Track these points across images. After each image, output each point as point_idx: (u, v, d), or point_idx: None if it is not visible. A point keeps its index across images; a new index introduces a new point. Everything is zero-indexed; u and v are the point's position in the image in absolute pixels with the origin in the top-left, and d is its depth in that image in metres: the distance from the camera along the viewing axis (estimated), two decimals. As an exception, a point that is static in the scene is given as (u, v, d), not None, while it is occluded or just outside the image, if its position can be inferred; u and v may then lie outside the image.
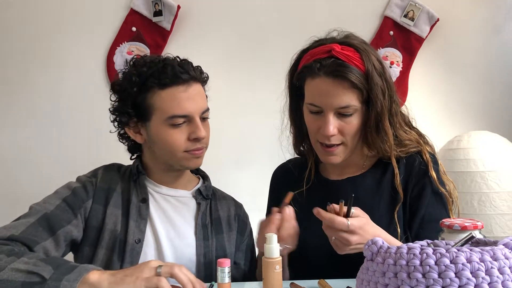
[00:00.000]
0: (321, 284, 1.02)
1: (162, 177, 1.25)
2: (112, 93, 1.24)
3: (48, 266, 0.90)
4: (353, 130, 1.14)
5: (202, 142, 1.20)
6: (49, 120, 2.29)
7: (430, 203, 1.14)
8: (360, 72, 1.10)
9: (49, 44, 2.30)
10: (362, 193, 1.19)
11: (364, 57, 1.11)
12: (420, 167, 1.17)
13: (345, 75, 1.08)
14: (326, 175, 1.28)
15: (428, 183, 1.15)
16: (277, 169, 1.40)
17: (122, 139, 1.29)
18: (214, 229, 1.26)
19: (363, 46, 1.14)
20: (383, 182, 1.19)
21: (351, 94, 1.10)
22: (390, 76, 1.17)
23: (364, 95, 1.11)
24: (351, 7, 2.26)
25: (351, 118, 1.12)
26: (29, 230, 1.06)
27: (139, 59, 1.22)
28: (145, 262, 0.93)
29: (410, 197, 1.16)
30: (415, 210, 1.15)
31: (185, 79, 1.17)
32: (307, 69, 1.15)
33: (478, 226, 0.84)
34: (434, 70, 2.28)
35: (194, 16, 2.29)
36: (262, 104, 2.25)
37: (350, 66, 1.09)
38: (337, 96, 1.10)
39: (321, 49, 1.14)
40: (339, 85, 1.10)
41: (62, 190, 1.18)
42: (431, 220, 1.13)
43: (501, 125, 2.16)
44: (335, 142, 1.14)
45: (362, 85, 1.09)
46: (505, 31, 2.24)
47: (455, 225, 0.85)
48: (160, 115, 1.17)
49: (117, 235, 1.16)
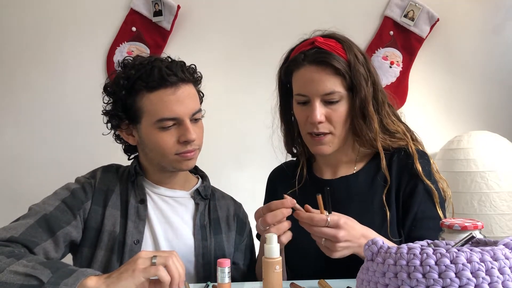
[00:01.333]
0: (321, 284, 1.02)
1: (159, 178, 1.25)
2: (105, 95, 1.23)
3: (47, 269, 0.90)
4: (340, 118, 1.15)
5: (193, 144, 1.18)
6: (49, 120, 2.29)
7: (422, 201, 1.14)
8: (343, 60, 1.13)
9: (49, 44, 2.30)
10: (356, 191, 1.19)
11: (346, 47, 1.15)
12: (409, 161, 1.17)
13: (328, 60, 1.12)
14: (320, 174, 1.28)
15: (420, 180, 1.15)
16: (271, 172, 1.40)
17: (118, 140, 1.28)
18: (212, 229, 1.25)
19: (345, 38, 1.19)
20: (376, 180, 1.19)
21: (335, 80, 1.13)
22: (373, 67, 1.20)
23: (347, 82, 1.14)
24: (351, 7, 2.26)
25: (337, 106, 1.14)
26: (29, 231, 1.06)
27: (129, 60, 1.22)
28: (136, 255, 0.92)
29: (403, 194, 1.16)
30: (407, 208, 1.15)
31: (173, 81, 1.16)
32: (292, 62, 1.19)
33: (478, 226, 0.84)
34: (434, 70, 2.28)
35: (194, 16, 2.29)
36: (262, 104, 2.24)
37: (332, 54, 1.13)
38: (321, 82, 1.13)
39: (304, 42, 1.19)
40: (323, 71, 1.13)
41: (61, 191, 1.18)
42: (423, 218, 1.13)
43: (501, 125, 2.16)
44: (323, 130, 1.16)
45: (345, 72, 1.13)
46: (505, 31, 2.24)
47: (455, 225, 0.85)
48: (149, 118, 1.16)
49: (116, 236, 1.16)
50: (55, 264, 0.93)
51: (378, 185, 1.19)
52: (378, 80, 1.20)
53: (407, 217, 1.14)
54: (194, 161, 1.22)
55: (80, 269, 0.92)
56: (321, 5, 2.27)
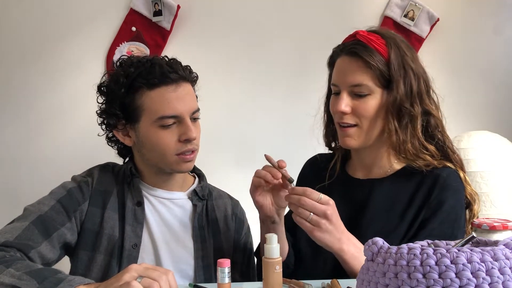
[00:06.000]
0: (333, 283, 1.00)
1: (155, 180, 1.22)
2: (99, 95, 1.21)
3: (33, 280, 0.88)
4: (367, 112, 1.14)
5: (193, 144, 1.17)
6: (49, 120, 2.29)
7: (446, 220, 1.10)
8: (380, 55, 1.12)
9: (49, 44, 2.29)
10: (377, 198, 1.17)
11: (389, 42, 1.14)
12: (437, 195, 1.12)
13: (360, 53, 1.12)
14: (352, 173, 1.27)
15: (449, 197, 1.11)
16: (306, 161, 1.40)
17: (111, 142, 1.25)
18: (211, 230, 1.24)
19: (390, 34, 1.18)
20: (400, 193, 1.16)
21: (365, 74, 1.12)
22: (424, 71, 1.20)
23: (383, 77, 1.12)
24: (351, 7, 2.26)
25: (366, 99, 1.13)
26: (24, 234, 1.04)
27: (126, 59, 1.20)
28: (128, 267, 0.86)
29: (423, 215, 1.11)
30: (423, 225, 1.11)
31: (174, 78, 1.15)
32: (334, 53, 1.21)
33: (509, 227, 0.81)
34: (434, 70, 2.27)
35: (194, 16, 2.29)
36: (262, 103, 2.26)
37: (368, 47, 1.13)
38: (350, 73, 1.14)
39: (350, 35, 1.20)
40: (354, 63, 1.13)
41: (57, 191, 1.17)
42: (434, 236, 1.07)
43: (501, 125, 2.16)
44: (349, 121, 1.15)
45: (379, 67, 1.11)
46: (505, 31, 2.24)
47: (484, 224, 0.83)
48: (149, 116, 1.14)
49: (116, 240, 1.14)
50: (43, 273, 0.91)
51: (400, 199, 1.15)
52: (424, 84, 1.17)
53: (419, 233, 1.10)
54: (193, 163, 1.21)
55: (68, 277, 0.89)
56: (321, 5, 2.26)
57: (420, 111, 1.15)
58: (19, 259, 0.97)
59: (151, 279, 0.83)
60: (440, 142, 1.19)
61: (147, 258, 1.16)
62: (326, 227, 1.00)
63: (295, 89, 2.24)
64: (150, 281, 0.83)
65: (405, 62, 1.14)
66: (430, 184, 1.13)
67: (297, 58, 2.25)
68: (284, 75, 2.24)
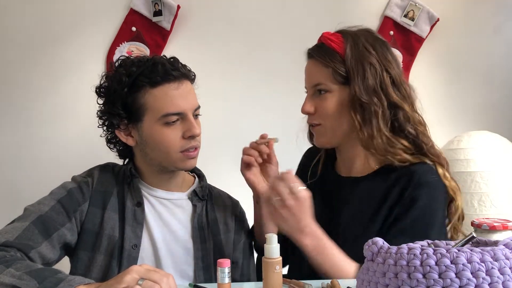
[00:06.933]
0: (333, 283, 0.99)
1: (155, 180, 1.22)
2: (98, 96, 1.21)
3: (33, 280, 0.88)
4: (328, 110, 1.16)
5: (196, 140, 1.18)
6: (49, 120, 2.28)
7: (419, 218, 1.08)
8: (336, 53, 1.14)
9: (49, 44, 2.29)
10: (356, 196, 1.18)
11: (347, 40, 1.15)
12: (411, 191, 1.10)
13: (315, 54, 1.18)
14: (338, 170, 1.28)
15: (423, 195, 1.08)
16: (307, 150, 1.41)
17: (111, 144, 1.25)
18: (211, 231, 1.24)
19: (353, 32, 1.18)
20: (376, 191, 1.14)
21: (321, 72, 1.16)
22: (394, 63, 1.16)
23: (338, 77, 1.14)
24: (351, 7, 2.26)
25: (325, 97, 1.16)
26: (24, 234, 1.04)
27: (125, 59, 1.20)
28: (129, 268, 0.86)
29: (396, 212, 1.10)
30: (395, 223, 1.09)
31: (176, 76, 1.16)
32: None
33: (509, 227, 0.81)
34: (434, 70, 2.27)
35: (194, 16, 2.28)
36: (262, 103, 2.25)
37: (324, 47, 1.17)
38: (310, 75, 1.21)
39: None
40: (312, 64, 1.20)
41: (57, 191, 1.17)
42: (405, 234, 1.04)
43: (501, 125, 2.16)
44: (313, 121, 1.20)
45: (334, 65, 1.14)
46: (505, 31, 2.24)
47: (484, 224, 0.83)
48: (152, 114, 1.15)
49: (116, 241, 1.14)
50: (43, 272, 0.91)
51: (375, 197, 1.14)
52: (390, 77, 1.14)
53: (391, 226, 1.09)
54: (196, 160, 1.22)
55: (68, 277, 0.90)
56: (321, 5, 2.26)
57: (384, 104, 1.12)
58: (20, 259, 0.98)
59: (152, 281, 0.84)
60: (410, 135, 1.14)
61: (147, 259, 1.16)
62: (286, 215, 1.03)
63: (295, 89, 2.23)
64: (152, 283, 0.84)
65: (363, 57, 1.13)
66: (405, 181, 1.10)
67: (297, 58, 2.25)
68: (284, 75, 2.23)
